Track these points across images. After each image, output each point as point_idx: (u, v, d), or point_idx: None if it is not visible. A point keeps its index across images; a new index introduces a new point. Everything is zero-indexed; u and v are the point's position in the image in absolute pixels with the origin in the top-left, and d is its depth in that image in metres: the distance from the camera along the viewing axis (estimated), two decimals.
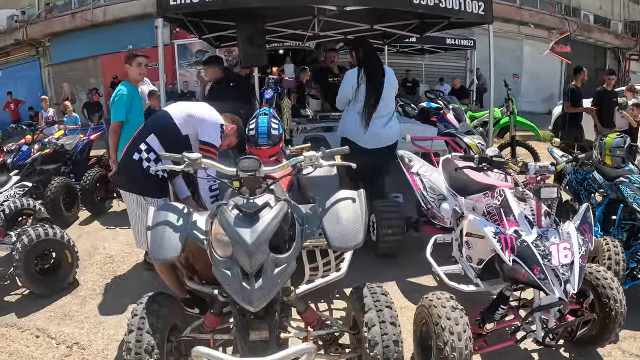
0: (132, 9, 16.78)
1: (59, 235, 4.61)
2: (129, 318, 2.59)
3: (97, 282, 4.90)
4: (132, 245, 5.58)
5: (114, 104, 4.77)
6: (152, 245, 2.59)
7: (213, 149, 3.53)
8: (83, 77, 18.76)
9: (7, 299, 4.68)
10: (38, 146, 7.65)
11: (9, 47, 19.60)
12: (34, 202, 5.28)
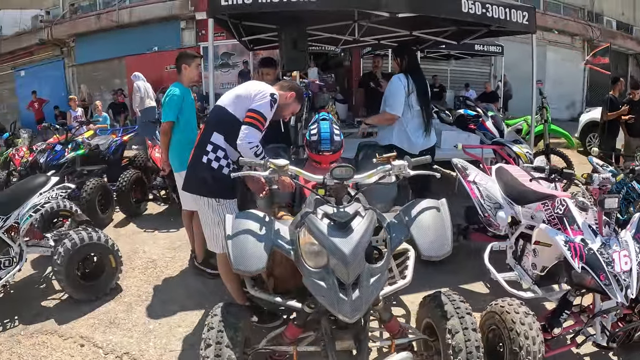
0: (158, 11, 16.75)
1: (103, 239, 4.51)
2: (204, 331, 2.53)
3: (141, 288, 4.77)
4: (174, 250, 5.66)
5: (165, 104, 4.67)
6: (235, 255, 2.50)
7: (260, 117, 3.36)
8: (107, 78, 18.77)
9: (44, 304, 4.57)
10: (71, 146, 7.59)
11: (33, 47, 19.66)
12: (70, 204, 5.16)
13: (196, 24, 16.78)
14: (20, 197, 4.52)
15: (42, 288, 4.97)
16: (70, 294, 4.40)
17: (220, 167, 3.47)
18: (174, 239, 6.06)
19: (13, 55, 20.52)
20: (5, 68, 21.31)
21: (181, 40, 16.99)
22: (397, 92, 4.93)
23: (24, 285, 4.95)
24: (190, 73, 4.80)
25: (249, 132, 3.25)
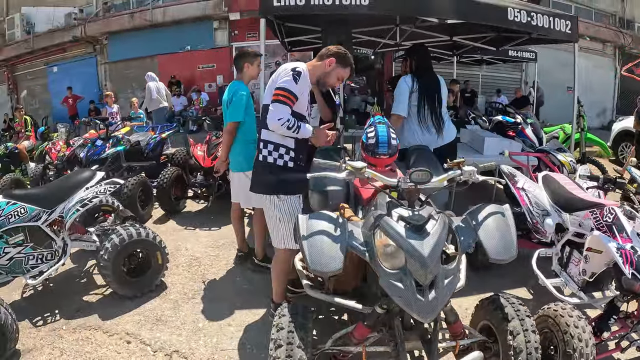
0: (191, 11, 16.85)
1: (151, 236, 4.53)
2: (273, 332, 2.56)
3: (186, 285, 4.75)
4: (217, 248, 5.64)
5: (233, 103, 4.61)
6: (311, 255, 2.52)
7: (284, 92, 3.30)
8: (139, 76, 18.58)
9: (86, 299, 4.58)
10: (112, 142, 7.67)
11: (66, 44, 19.91)
12: (112, 199, 5.22)
13: (229, 24, 16.92)
14: (65, 192, 4.55)
15: (82, 282, 4.99)
16: (115, 290, 4.42)
17: (275, 160, 3.49)
18: (216, 237, 6.04)
19: (46, 52, 20.82)
20: (38, 64, 21.67)
21: (214, 40, 17.16)
22: (401, 93, 5.00)
23: (64, 279, 4.98)
24: (252, 72, 4.81)
25: (275, 109, 3.25)
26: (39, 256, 4.31)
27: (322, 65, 3.55)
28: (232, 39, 17.00)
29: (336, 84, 3.75)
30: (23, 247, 4.22)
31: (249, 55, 4.79)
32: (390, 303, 2.58)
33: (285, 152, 3.50)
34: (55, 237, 4.39)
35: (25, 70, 22.60)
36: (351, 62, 3.60)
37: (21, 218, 4.19)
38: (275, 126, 3.29)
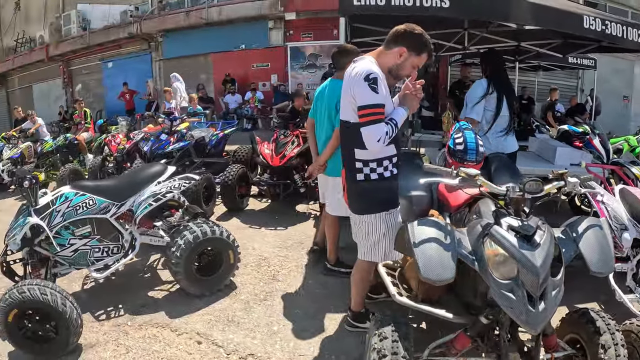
0: (247, 10, 16.92)
1: (225, 234, 4.44)
2: (375, 341, 2.51)
3: (257, 286, 4.65)
4: (286, 249, 5.56)
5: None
6: (424, 264, 2.48)
7: (370, 109, 2.92)
8: (193, 73, 18.91)
9: (151, 295, 4.54)
10: (176, 137, 7.72)
11: (121, 40, 20.34)
12: (178, 194, 5.03)
13: (284, 23, 16.95)
14: (135, 185, 4.52)
15: (146, 277, 4.97)
16: (185, 287, 4.35)
17: (380, 175, 3.16)
18: (283, 237, 5.95)
19: (101, 48, 21.33)
20: (93, 59, 22.29)
21: (268, 40, 17.19)
22: (475, 97, 4.92)
23: (126, 272, 4.96)
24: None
25: (370, 132, 2.94)
26: (105, 249, 4.30)
27: (392, 56, 3.08)
28: (287, 39, 17.03)
29: (412, 73, 3.19)
30: (89, 240, 4.21)
31: (351, 54, 4.35)
32: (497, 314, 2.56)
33: (389, 161, 3.19)
34: (122, 231, 4.36)
35: (80, 65, 23.27)
36: (428, 45, 3.10)
37: (89, 210, 4.18)
38: (377, 147, 3.01)
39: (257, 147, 7.01)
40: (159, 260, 5.35)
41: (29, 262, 4.08)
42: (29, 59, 24.96)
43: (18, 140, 11.75)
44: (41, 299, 3.39)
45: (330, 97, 4.38)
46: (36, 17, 26.86)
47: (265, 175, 6.89)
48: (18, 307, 3.37)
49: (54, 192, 4.24)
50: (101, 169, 9.24)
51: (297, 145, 6.82)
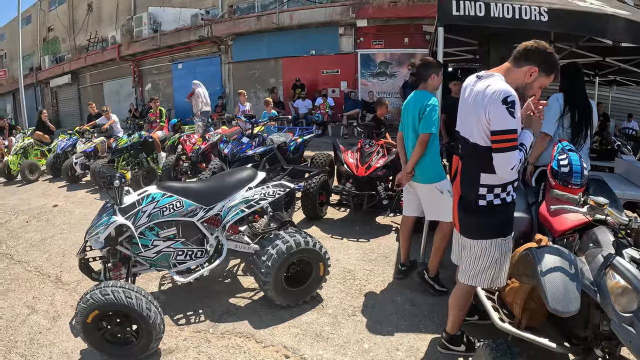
0: (318, 16, 16.96)
1: (317, 245, 4.30)
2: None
3: (344, 300, 4.48)
4: (371, 262, 5.45)
5: (427, 114, 4.28)
6: (551, 294, 2.48)
7: (506, 135, 2.71)
8: (262, 77, 19.37)
9: (232, 302, 4.46)
10: (258, 140, 7.66)
11: (191, 43, 20.79)
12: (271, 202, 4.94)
13: (355, 30, 16.86)
14: (225, 189, 4.40)
15: (226, 283, 4.88)
16: (272, 298, 4.20)
17: (503, 200, 2.97)
18: (366, 250, 5.77)
19: (171, 49, 21.92)
20: (164, 60, 22.96)
21: (339, 46, 17.20)
22: (550, 111, 4.72)
23: (205, 277, 4.73)
24: (437, 82, 4.56)
25: (504, 160, 2.73)
26: (189, 252, 4.22)
27: (521, 74, 2.87)
28: (358, 46, 17.00)
29: (537, 93, 3.01)
30: (173, 242, 4.13)
31: (435, 66, 4.52)
32: (614, 347, 2.54)
33: (511, 186, 2.98)
34: (208, 235, 4.27)
35: (150, 65, 24.05)
36: (557, 65, 2.91)
37: (176, 212, 4.10)
38: (510, 175, 2.83)
39: (341, 155, 6.87)
40: (239, 266, 5.29)
41: (110, 261, 4.04)
42: (100, 57, 25.93)
43: (92, 135, 12.12)
44: (125, 302, 3.36)
45: (414, 108, 4.42)
46: (108, 18, 28.00)
47: (348, 185, 6.73)
48: (100, 308, 3.35)
49: (139, 192, 4.17)
50: (174, 168, 9.36)
51: (382, 156, 6.67)
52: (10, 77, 37.36)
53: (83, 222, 7.77)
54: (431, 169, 4.43)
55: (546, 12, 4.98)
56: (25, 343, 4.12)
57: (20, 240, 7.24)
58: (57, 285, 5.33)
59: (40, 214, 8.83)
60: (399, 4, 15.19)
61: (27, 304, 4.94)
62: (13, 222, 8.47)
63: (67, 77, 29.96)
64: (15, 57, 33.28)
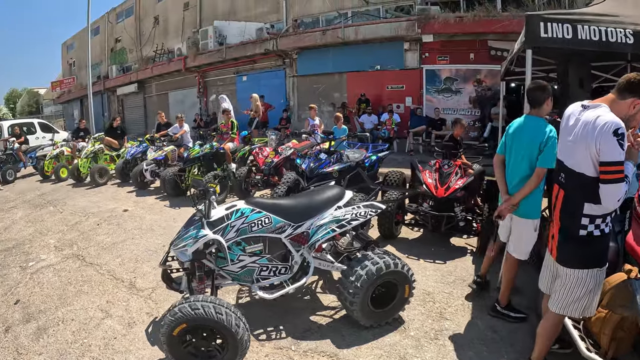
0: (383, 31, 16.66)
1: (405, 267, 4.25)
2: None
3: (425, 323, 4.40)
4: (449, 285, 5.31)
5: (550, 148, 4.00)
6: None
7: (614, 167, 2.76)
8: (326, 91, 19.48)
9: (313, 319, 4.43)
10: (336, 157, 7.70)
11: (256, 56, 21.18)
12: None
13: (420, 46, 16.67)
14: (314, 207, 4.40)
15: (306, 300, 4.88)
16: (357, 318, 4.16)
17: (602, 230, 3.00)
18: (444, 272, 5.66)
19: (236, 62, 22.42)
20: (228, 72, 23.55)
21: (404, 61, 17.20)
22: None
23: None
24: (550, 107, 4.30)
25: (612, 191, 2.77)
26: (273, 269, 4.24)
27: (625, 106, 2.90)
28: (423, 61, 16.89)
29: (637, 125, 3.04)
30: (259, 258, 4.16)
31: (547, 90, 4.23)
32: None
33: (610, 217, 3.01)
34: (294, 253, 4.27)
35: (215, 77, 24.75)
36: None
37: (264, 228, 4.13)
38: (616, 205, 2.85)
39: (419, 175, 6.76)
40: (317, 283, 5.31)
41: (195, 274, 4.08)
42: (167, 68, 26.82)
43: (162, 143, 12.55)
44: (216, 318, 3.40)
45: (534, 137, 4.11)
46: (174, 31, 29.00)
47: (425, 205, 6.58)
48: (188, 322, 3.39)
49: (228, 206, 4.19)
50: (246, 180, 9.51)
51: (460, 177, 6.53)
52: (79, 84, 39.20)
53: (154, 228, 8.06)
54: (534, 204, 4.25)
55: (631, 35, 4.99)
56: (99, 347, 4.25)
57: (92, 243, 7.50)
58: (131, 291, 5.48)
59: (111, 217, 9.14)
60: (465, 19, 14.97)
61: (100, 308, 5.08)
62: (84, 224, 8.81)
63: (134, 86, 31.23)
64: (83, 65, 34.91)
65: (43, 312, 5.09)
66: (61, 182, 14.53)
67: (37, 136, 22.10)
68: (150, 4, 32.11)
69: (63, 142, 17.06)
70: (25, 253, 7.35)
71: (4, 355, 4.37)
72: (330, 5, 19.75)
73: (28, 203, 11.84)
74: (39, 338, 4.54)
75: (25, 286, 5.94)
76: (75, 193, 12.47)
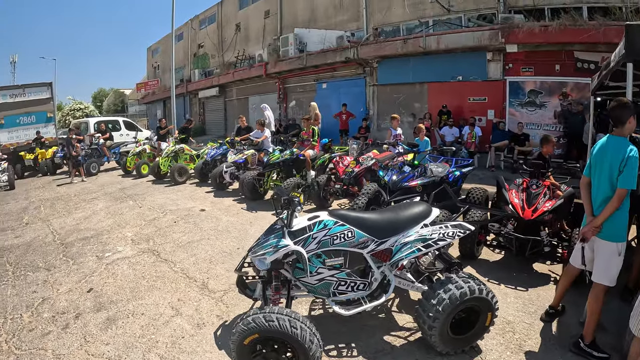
0: (465, 40, 16.34)
1: (490, 295, 4.01)
2: None
3: (503, 354, 4.15)
4: (530, 314, 4.97)
5: (629, 167, 3.93)
6: None
7: None
8: (406, 101, 19.27)
9: (387, 339, 4.30)
10: (420, 170, 7.64)
11: (336, 64, 21.35)
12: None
13: (503, 56, 16.11)
14: (399, 224, 4.25)
15: (380, 318, 4.74)
16: (433, 343, 3.98)
17: None
18: (525, 300, 5.29)
19: (317, 69, 22.71)
20: (308, 79, 23.95)
21: (487, 72, 16.72)
22: None
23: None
24: (633, 126, 4.17)
25: None
26: (351, 284, 4.12)
27: None
28: (506, 73, 16.28)
29: None
30: (338, 272, 4.06)
31: (629, 107, 4.11)
32: None
33: None
34: (375, 269, 4.16)
35: (295, 84, 25.23)
36: None
37: (346, 242, 4.03)
38: None
39: (506, 194, 6.49)
40: (393, 301, 5.14)
41: (272, 282, 4.07)
42: (247, 74, 27.52)
43: (243, 147, 12.91)
44: (290, 332, 3.38)
45: (614, 157, 4.03)
46: (255, 37, 29.79)
47: (510, 226, 6.23)
48: (261, 333, 3.39)
49: (310, 217, 4.13)
50: (325, 187, 9.56)
51: (548, 199, 6.17)
52: (162, 86, 41.16)
53: (230, 230, 8.23)
54: (619, 226, 4.10)
55: None
56: (166, 345, 4.35)
57: (168, 239, 7.79)
58: (203, 292, 5.56)
59: (188, 216, 9.46)
60: (550, 28, 14.28)
61: (171, 305, 5.22)
62: (161, 220, 9.20)
63: (215, 89, 32.42)
64: (167, 69, 36.60)
65: (114, 303, 5.34)
66: (141, 178, 15.54)
67: (121, 133, 23.78)
68: (232, 11, 33.19)
69: (146, 140, 18.06)
70: (103, 243, 7.81)
71: (71, 340, 4.59)
72: (411, 13, 19.49)
73: (109, 196, 12.69)
74: (108, 328, 4.75)
75: (99, 276, 6.26)
76: (154, 190, 13.19)
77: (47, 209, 11.55)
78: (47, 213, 11.03)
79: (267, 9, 28.76)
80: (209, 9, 36.59)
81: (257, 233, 7.60)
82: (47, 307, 5.42)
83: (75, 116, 49.90)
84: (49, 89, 22.00)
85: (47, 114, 21.86)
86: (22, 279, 6.41)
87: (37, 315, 5.21)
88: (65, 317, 5.10)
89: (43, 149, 20.10)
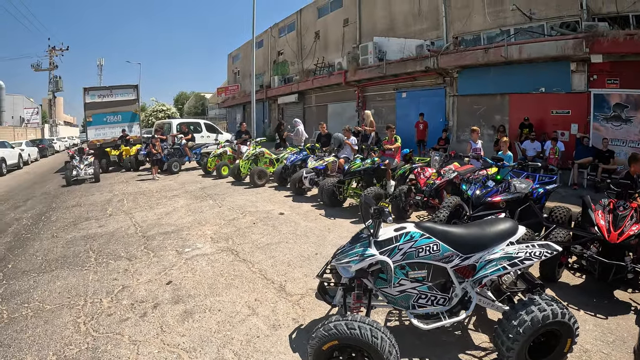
0: (548, 50, 15.71)
1: (572, 320, 3.84)
2: None
3: None
4: (608, 345, 4.69)
5: None
6: None
7: None
8: (487, 113, 18.96)
9: (462, 358, 4.21)
10: (503, 186, 7.53)
11: (416, 73, 21.37)
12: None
13: (588, 67, 15.32)
14: (485, 240, 4.21)
15: (456, 335, 4.66)
16: None
17: None
18: (604, 328, 4.98)
19: (396, 78, 22.89)
20: (388, 88, 24.18)
21: (570, 84, 15.99)
22: None
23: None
24: None
25: None
26: (432, 298, 4.11)
27: None
28: (591, 85, 15.43)
29: None
30: (420, 284, 4.06)
31: None
32: None
33: None
34: (456, 285, 4.14)
35: (374, 92, 25.56)
36: None
37: (431, 255, 4.02)
38: None
39: (592, 214, 6.21)
40: (470, 319, 5.03)
41: (355, 291, 4.08)
42: (327, 81, 28.19)
43: (324, 154, 13.34)
44: (370, 341, 3.42)
45: None
46: (334, 45, 30.41)
47: (593, 249, 5.98)
48: (341, 340, 3.45)
49: (397, 227, 4.14)
50: (404, 199, 9.63)
51: (636, 222, 5.83)
52: (242, 91, 42.74)
53: (308, 235, 8.38)
54: None
55: None
56: (241, 342, 4.45)
57: (247, 240, 8.07)
58: (280, 294, 5.65)
59: (267, 218, 9.74)
60: (635, 36, 13.48)
61: (248, 304, 5.35)
62: (240, 221, 9.54)
63: (294, 96, 33.48)
64: (247, 74, 37.99)
65: (192, 297, 5.62)
66: (221, 179, 16.30)
67: (202, 135, 25.09)
68: (311, 19, 34.09)
69: (226, 143, 19.02)
70: (183, 239, 8.24)
71: (148, 328, 4.85)
72: (492, 22, 19.22)
73: (189, 194, 13.37)
74: (185, 320, 4.99)
75: (179, 270, 6.60)
76: (233, 191, 13.72)
77: (130, 203, 12.44)
78: (130, 206, 11.86)
79: (346, 17, 29.32)
80: (289, 17, 37.82)
81: (335, 240, 7.89)
82: (126, 294, 5.80)
83: (157, 117, 52.72)
84: (134, 90, 23.64)
85: (132, 113, 23.52)
86: (104, 266, 6.93)
87: (116, 302, 5.58)
88: (144, 306, 5.43)
89: (127, 147, 21.94)
